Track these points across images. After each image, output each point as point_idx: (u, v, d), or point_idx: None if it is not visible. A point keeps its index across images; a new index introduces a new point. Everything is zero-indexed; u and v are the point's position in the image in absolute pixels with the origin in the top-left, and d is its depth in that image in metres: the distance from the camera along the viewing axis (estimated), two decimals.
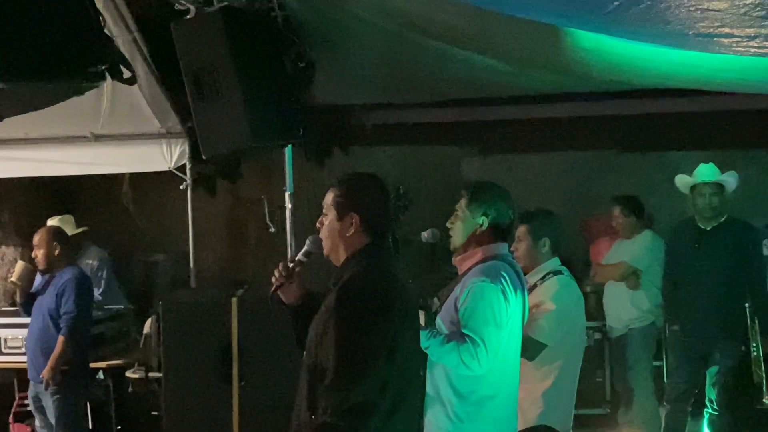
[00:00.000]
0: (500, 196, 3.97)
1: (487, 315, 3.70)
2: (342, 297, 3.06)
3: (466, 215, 3.93)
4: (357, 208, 3.21)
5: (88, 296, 6.24)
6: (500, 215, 3.91)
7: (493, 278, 3.75)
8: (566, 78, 6.71)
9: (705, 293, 6.08)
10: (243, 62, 5.11)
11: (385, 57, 6.68)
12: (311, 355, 3.13)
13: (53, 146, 7.32)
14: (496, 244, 3.91)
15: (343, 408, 2.94)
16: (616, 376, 7.25)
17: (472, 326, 3.69)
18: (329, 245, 3.27)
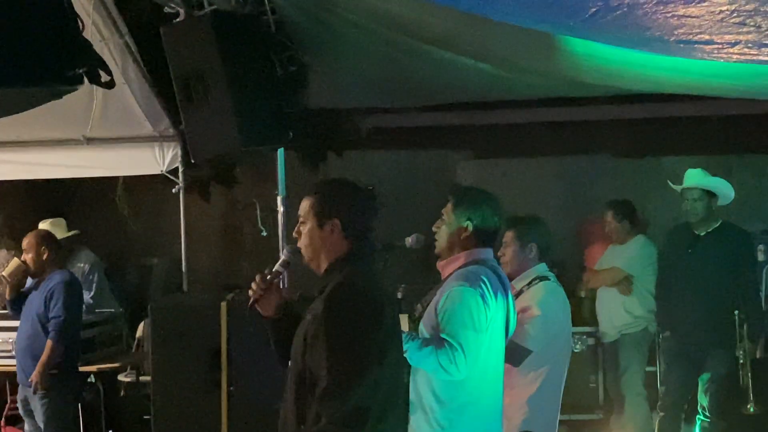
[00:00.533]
0: (486, 201, 3.96)
1: (465, 319, 3.68)
2: (331, 304, 3.03)
3: (451, 219, 3.92)
4: (337, 213, 3.17)
5: (77, 300, 6.21)
6: (485, 220, 3.89)
7: (472, 282, 3.73)
8: (561, 83, 6.70)
9: (697, 299, 6.05)
10: (232, 66, 5.10)
11: (379, 61, 6.68)
12: (297, 364, 3.09)
13: (45, 149, 7.31)
14: (479, 249, 3.90)
15: (339, 414, 2.91)
16: (609, 382, 7.22)
17: (449, 330, 3.67)
18: (310, 253, 3.23)
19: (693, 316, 6.07)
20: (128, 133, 7.15)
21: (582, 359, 7.34)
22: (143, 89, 6.73)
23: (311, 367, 3.01)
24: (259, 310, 3.35)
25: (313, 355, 3.01)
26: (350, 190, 3.28)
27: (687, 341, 6.15)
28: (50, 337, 5.99)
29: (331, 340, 2.96)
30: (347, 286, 3.09)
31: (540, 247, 4.58)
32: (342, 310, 3.02)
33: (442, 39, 5.94)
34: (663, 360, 6.49)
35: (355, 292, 3.08)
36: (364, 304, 3.05)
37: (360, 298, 3.06)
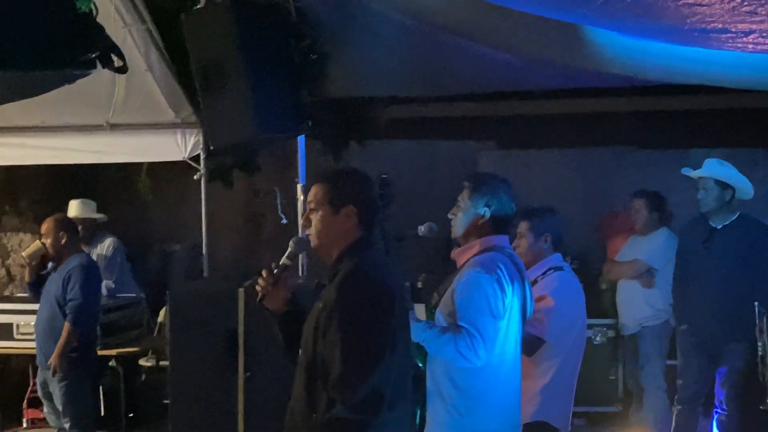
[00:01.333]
0: (502, 188, 3.95)
1: (482, 306, 3.68)
2: (344, 291, 3.04)
3: (468, 206, 3.92)
4: (354, 200, 3.18)
5: (94, 283, 6.26)
6: (502, 207, 3.90)
7: (489, 269, 3.73)
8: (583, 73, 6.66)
9: (714, 292, 5.99)
10: (250, 54, 5.11)
11: (401, 51, 6.67)
12: (308, 353, 3.09)
13: (69, 134, 7.35)
14: (495, 236, 3.90)
15: (355, 400, 2.93)
16: (628, 375, 7.19)
17: (467, 317, 3.67)
18: (321, 240, 3.20)
19: (709, 309, 6.01)
20: (151, 119, 7.17)
21: (602, 352, 7.32)
22: (166, 76, 6.75)
23: (323, 355, 3.00)
24: (266, 304, 3.33)
25: (325, 342, 3.01)
26: (363, 178, 3.30)
27: (704, 334, 6.10)
28: (68, 320, 6.05)
29: (344, 327, 2.96)
30: (360, 273, 3.09)
31: (554, 237, 4.58)
32: (355, 297, 3.02)
33: (464, 28, 5.93)
34: (680, 353, 6.42)
35: (367, 279, 3.07)
36: (376, 291, 3.05)
37: (372, 285, 3.06)
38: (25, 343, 6.88)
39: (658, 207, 6.79)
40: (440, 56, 6.69)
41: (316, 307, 3.14)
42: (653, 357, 6.75)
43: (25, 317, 6.82)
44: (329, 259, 3.21)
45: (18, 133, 7.37)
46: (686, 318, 6.26)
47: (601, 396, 7.41)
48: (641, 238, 6.88)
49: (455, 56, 6.60)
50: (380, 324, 3.01)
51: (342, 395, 2.93)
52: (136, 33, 6.40)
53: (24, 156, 7.53)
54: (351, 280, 3.07)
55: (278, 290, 3.30)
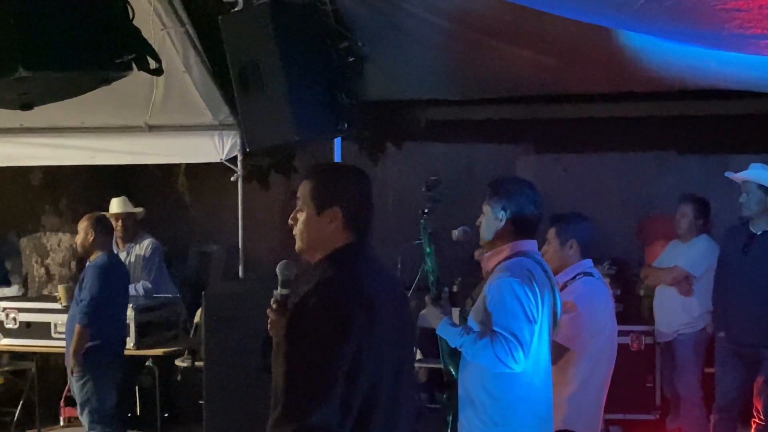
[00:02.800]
0: (521, 190, 3.88)
1: (516, 310, 3.63)
2: (296, 316, 2.70)
3: (488, 211, 3.89)
4: (340, 201, 2.84)
5: (111, 282, 6.19)
6: (520, 210, 3.83)
7: (518, 274, 3.69)
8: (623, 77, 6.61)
9: (752, 299, 5.92)
10: (289, 56, 5.12)
11: (439, 53, 6.66)
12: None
13: (108, 135, 7.42)
14: (522, 240, 3.85)
15: None
16: (665, 382, 7.11)
17: (502, 323, 3.62)
18: (304, 243, 2.91)
19: (748, 317, 5.95)
20: (189, 121, 7.22)
21: (638, 359, 7.24)
22: (204, 78, 6.78)
23: (276, 383, 2.72)
24: (272, 334, 3.13)
25: (276, 369, 2.73)
26: (356, 177, 2.97)
27: (741, 342, 6.03)
28: (77, 320, 6.10)
29: (289, 357, 2.65)
30: (316, 295, 2.71)
31: (581, 243, 4.53)
32: (304, 324, 2.67)
33: (502, 31, 5.90)
34: (718, 361, 6.35)
35: (322, 304, 2.68)
36: (330, 318, 2.65)
37: (327, 310, 2.67)
38: (62, 341, 6.92)
39: (704, 213, 6.70)
40: (478, 59, 6.67)
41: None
42: (689, 365, 6.67)
43: (63, 316, 6.86)
44: (312, 261, 2.89)
45: (57, 133, 7.45)
46: (725, 325, 6.19)
47: (637, 403, 7.33)
48: (681, 244, 6.80)
49: (493, 59, 6.58)
50: (330, 355, 2.62)
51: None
52: (175, 35, 6.44)
53: (63, 156, 7.61)
54: (304, 304, 2.70)
55: (282, 319, 3.00)
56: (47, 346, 7.11)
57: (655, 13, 2.94)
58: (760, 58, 4.99)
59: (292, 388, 2.62)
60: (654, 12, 2.92)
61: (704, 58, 5.35)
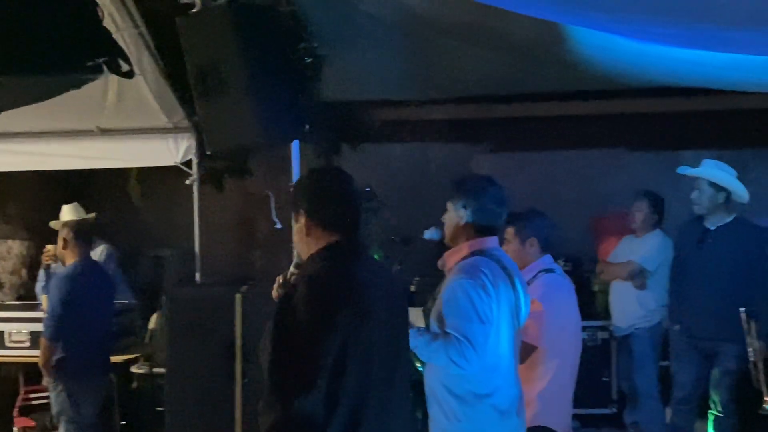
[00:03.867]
0: (482, 189, 3.90)
1: (469, 312, 3.64)
2: (280, 309, 2.80)
3: (451, 209, 3.91)
4: (303, 206, 3.03)
5: (77, 291, 6.01)
6: (482, 208, 3.85)
7: (472, 275, 3.70)
8: (577, 76, 6.67)
9: (707, 293, 6.02)
10: (249, 57, 5.04)
11: (395, 53, 6.67)
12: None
13: (60, 140, 7.31)
14: (482, 238, 3.86)
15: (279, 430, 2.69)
16: (622, 376, 7.20)
17: (453, 324, 3.65)
18: (299, 247, 3.11)
19: (703, 310, 6.05)
20: (143, 124, 7.13)
21: (595, 354, 7.33)
22: (158, 81, 6.70)
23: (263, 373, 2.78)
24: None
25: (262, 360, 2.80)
26: (324, 181, 3.12)
27: (697, 335, 6.13)
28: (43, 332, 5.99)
29: (274, 348, 2.73)
30: (301, 290, 2.82)
31: (540, 239, 4.57)
32: (289, 317, 2.76)
33: (459, 31, 5.92)
34: (674, 354, 6.45)
35: (306, 298, 2.78)
36: (313, 312, 2.76)
37: (311, 304, 2.77)
38: (15, 351, 6.81)
39: (659, 209, 6.80)
40: (433, 59, 6.70)
41: None
42: (646, 358, 6.74)
43: (16, 325, 6.76)
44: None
45: (7, 139, 7.32)
46: (681, 319, 6.28)
47: (595, 398, 7.42)
48: (635, 240, 6.88)
49: (449, 59, 6.61)
50: (312, 347, 2.73)
51: (267, 423, 2.70)
52: (128, 37, 6.34)
53: (13, 162, 7.46)
54: (288, 298, 2.82)
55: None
56: (1, 355, 6.95)
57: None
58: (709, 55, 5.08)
59: (276, 376, 2.70)
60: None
61: (655, 56, 5.43)
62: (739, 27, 3.21)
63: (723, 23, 3.20)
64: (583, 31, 5.16)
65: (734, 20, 3.36)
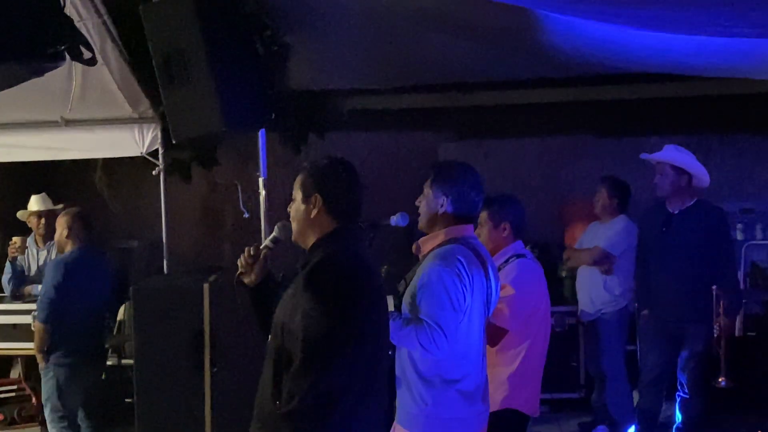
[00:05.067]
0: (464, 177, 3.90)
1: (443, 300, 3.66)
2: (310, 281, 3.01)
3: (429, 195, 3.90)
4: (321, 189, 3.18)
5: (71, 278, 5.97)
6: (462, 196, 3.86)
7: (448, 262, 3.71)
8: (542, 63, 6.71)
9: (673, 276, 6.09)
10: (213, 45, 5.02)
11: (361, 42, 6.66)
12: (277, 339, 3.07)
13: (23, 131, 7.23)
14: (458, 226, 3.87)
15: (310, 395, 2.89)
16: (589, 361, 7.26)
17: (427, 311, 3.66)
18: (297, 229, 3.26)
19: (669, 294, 6.12)
20: (107, 114, 7.07)
21: (562, 338, 7.39)
22: (122, 70, 6.64)
23: (288, 344, 2.99)
24: (243, 279, 3.41)
25: (290, 331, 2.99)
26: (340, 169, 3.27)
27: (664, 319, 6.20)
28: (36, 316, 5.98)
29: (307, 318, 2.93)
30: (329, 263, 3.07)
31: (513, 225, 4.59)
32: (320, 288, 2.98)
33: (424, 18, 5.93)
34: (641, 338, 6.52)
35: (335, 270, 3.04)
36: (342, 283, 3.01)
37: (339, 276, 3.03)
38: None
39: (618, 194, 6.85)
40: (399, 47, 6.69)
41: (286, 293, 3.14)
42: (613, 343, 6.80)
43: None
44: (306, 247, 3.23)
45: None
46: (647, 302, 6.35)
47: (563, 382, 7.49)
48: (601, 225, 6.93)
49: (413, 47, 6.61)
50: (343, 316, 2.97)
51: (298, 388, 2.90)
52: (92, 26, 6.27)
53: None
54: (319, 271, 3.04)
55: (256, 268, 3.39)
56: None
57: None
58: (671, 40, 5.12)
59: (311, 347, 2.91)
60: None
61: (619, 42, 5.47)
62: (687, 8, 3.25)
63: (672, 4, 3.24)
64: (549, 18, 5.19)
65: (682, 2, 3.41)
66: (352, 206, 3.24)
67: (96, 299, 6.21)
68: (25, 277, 7.17)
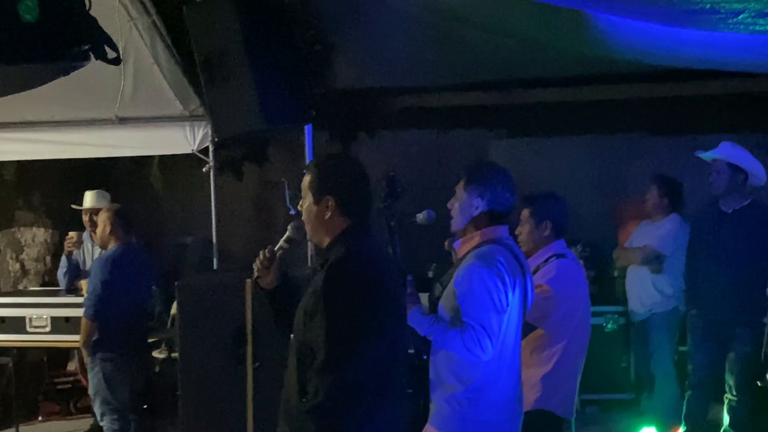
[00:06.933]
0: (498, 178, 3.86)
1: (485, 301, 3.62)
2: (330, 278, 3.03)
3: (463, 197, 3.85)
4: (332, 190, 3.16)
5: (118, 274, 6.10)
6: (496, 197, 3.81)
7: (489, 263, 3.67)
8: (593, 61, 6.65)
9: (723, 277, 5.98)
10: (253, 45, 5.09)
11: (408, 40, 6.69)
12: (299, 336, 3.11)
13: (79, 129, 7.39)
14: (494, 227, 3.83)
15: (334, 390, 2.92)
16: (639, 361, 7.17)
17: (471, 313, 3.62)
18: (311, 229, 3.25)
19: (719, 294, 6.01)
20: (159, 112, 7.20)
21: (612, 339, 7.31)
22: (172, 69, 6.77)
23: (310, 341, 3.01)
24: (260, 284, 3.43)
25: (312, 328, 3.01)
26: (348, 167, 3.27)
27: (713, 319, 6.09)
28: (83, 312, 6.10)
29: (329, 315, 2.97)
30: (347, 260, 3.08)
31: (555, 223, 4.54)
32: (340, 284, 3.02)
33: (471, 17, 5.92)
34: (690, 338, 6.41)
35: (354, 267, 3.07)
36: (362, 279, 3.04)
37: (359, 272, 3.05)
38: (37, 336, 6.91)
39: (670, 192, 6.75)
40: (448, 45, 6.71)
41: (307, 292, 3.16)
42: (663, 343, 6.72)
43: (38, 311, 6.86)
44: (322, 246, 3.24)
45: (28, 128, 7.43)
46: (696, 302, 6.25)
47: (613, 383, 7.42)
48: (651, 224, 6.85)
49: (463, 45, 6.61)
50: (364, 313, 3.00)
51: (324, 383, 2.93)
52: (142, 26, 6.42)
53: (35, 151, 7.58)
54: (337, 268, 3.06)
55: (272, 270, 3.40)
56: (23, 340, 7.07)
57: None
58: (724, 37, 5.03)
59: (333, 342, 2.94)
60: None
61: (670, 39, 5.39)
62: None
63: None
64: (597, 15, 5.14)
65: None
66: (364, 203, 3.23)
67: (139, 295, 6.36)
68: (80, 271, 7.32)
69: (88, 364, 6.21)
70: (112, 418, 6.22)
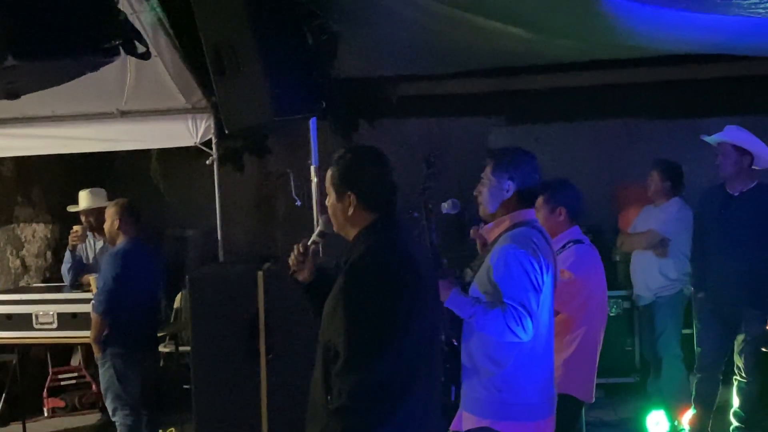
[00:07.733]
0: (525, 160, 3.87)
1: (524, 281, 3.63)
2: (350, 277, 3.01)
3: (492, 181, 3.85)
4: (353, 186, 3.15)
5: (128, 269, 6.08)
6: (526, 180, 3.82)
7: (524, 244, 3.68)
8: (593, 46, 6.64)
9: (730, 260, 6.00)
10: (263, 35, 5.05)
11: (410, 28, 6.64)
12: (324, 335, 3.08)
13: (80, 123, 7.36)
14: (523, 210, 3.84)
15: (358, 391, 2.89)
16: (644, 345, 7.21)
17: (511, 294, 3.62)
18: (336, 224, 3.25)
19: (726, 277, 6.03)
20: (161, 105, 7.18)
21: (617, 323, 7.36)
22: (175, 61, 6.73)
23: (334, 339, 2.98)
24: (296, 277, 3.44)
25: (334, 328, 2.99)
26: (369, 160, 3.24)
27: (721, 302, 6.12)
28: (93, 308, 6.08)
29: (348, 315, 2.94)
30: (368, 258, 3.05)
31: (569, 209, 4.57)
32: (361, 283, 2.98)
33: (473, 3, 5.90)
34: (698, 321, 6.44)
35: (374, 265, 3.03)
36: (383, 277, 2.99)
37: (380, 270, 3.00)
38: (43, 332, 6.89)
39: (671, 176, 6.78)
40: (448, 33, 6.67)
41: (333, 289, 3.12)
42: (669, 326, 6.74)
43: (44, 307, 6.83)
44: (349, 239, 3.22)
45: (28, 123, 7.38)
46: (704, 285, 6.28)
47: (618, 367, 7.46)
48: (654, 209, 6.87)
49: (463, 32, 6.58)
50: (385, 311, 2.94)
51: (345, 384, 2.90)
52: (145, 19, 6.37)
53: (35, 146, 7.54)
54: (358, 266, 3.04)
55: (306, 264, 3.41)
56: (29, 337, 7.04)
57: None
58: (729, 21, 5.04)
59: (354, 342, 2.91)
60: None
61: (673, 23, 5.39)
62: None
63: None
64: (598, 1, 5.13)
65: None
66: (387, 196, 3.20)
67: (149, 289, 6.34)
68: (84, 265, 7.30)
69: (99, 359, 6.19)
70: (124, 414, 6.21)
